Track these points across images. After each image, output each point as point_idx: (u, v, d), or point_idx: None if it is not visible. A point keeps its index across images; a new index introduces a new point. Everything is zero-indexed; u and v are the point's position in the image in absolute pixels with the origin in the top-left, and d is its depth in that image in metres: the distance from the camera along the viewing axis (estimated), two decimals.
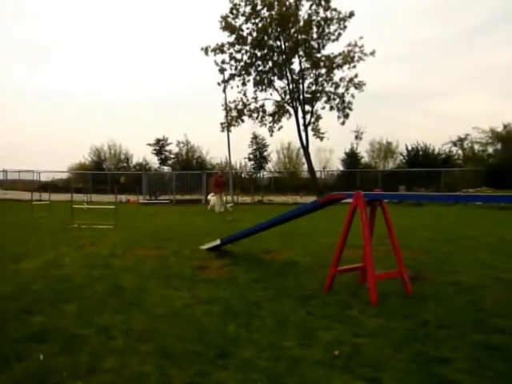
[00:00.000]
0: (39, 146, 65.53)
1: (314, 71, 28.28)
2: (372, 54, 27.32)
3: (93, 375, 3.17)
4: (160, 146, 49.81)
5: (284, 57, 27.94)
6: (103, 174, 39.33)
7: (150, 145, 49.70)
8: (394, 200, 19.24)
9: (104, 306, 4.87)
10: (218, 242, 8.17)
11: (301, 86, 28.46)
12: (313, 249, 8.93)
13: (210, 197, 21.62)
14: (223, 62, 28.29)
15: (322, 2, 26.86)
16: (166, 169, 47.32)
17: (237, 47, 27.87)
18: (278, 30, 27.11)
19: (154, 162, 49.29)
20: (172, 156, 50.30)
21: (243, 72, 28.48)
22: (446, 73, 64.40)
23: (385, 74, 61.26)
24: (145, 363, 3.36)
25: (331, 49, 39.92)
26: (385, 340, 3.91)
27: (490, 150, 34.25)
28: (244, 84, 28.79)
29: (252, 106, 29.28)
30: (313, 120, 28.75)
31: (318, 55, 27.90)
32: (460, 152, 41.23)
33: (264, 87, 28.91)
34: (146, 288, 5.72)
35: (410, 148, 42.36)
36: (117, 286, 5.75)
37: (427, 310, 4.81)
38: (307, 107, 28.65)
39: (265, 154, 49.72)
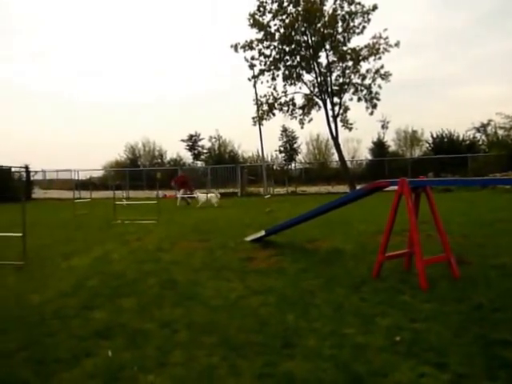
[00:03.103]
0: (73, 145, 67.23)
1: (340, 64, 28.83)
2: (397, 45, 28.12)
3: (163, 369, 3.20)
4: (193, 142, 50.74)
5: (311, 51, 28.48)
6: (139, 171, 39.98)
7: (183, 141, 50.58)
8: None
9: (161, 300, 4.93)
10: (262, 233, 8.17)
11: (329, 79, 29.03)
12: (354, 236, 8.90)
13: (199, 194, 21.29)
14: (253, 58, 29.22)
15: None
16: (199, 163, 47.90)
17: (265, 43, 28.72)
18: (305, 25, 27.74)
19: (187, 157, 50.18)
20: (205, 151, 51.06)
21: (272, 67, 29.25)
22: (465, 60, 63.67)
23: (406, 62, 60.76)
24: (212, 355, 3.38)
25: (357, 41, 40.02)
26: (442, 324, 3.87)
27: None
28: (273, 79, 29.66)
29: (282, 100, 30.32)
30: (341, 111, 29.34)
31: (344, 48, 28.51)
32: (484, 138, 40.90)
33: (293, 81, 29.73)
34: (199, 281, 5.77)
35: (435, 135, 42.44)
36: (170, 280, 5.81)
37: (478, 293, 4.74)
38: (335, 99, 29.34)
39: (295, 146, 50.17)
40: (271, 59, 28.80)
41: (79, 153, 63.61)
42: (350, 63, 28.30)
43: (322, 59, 28.85)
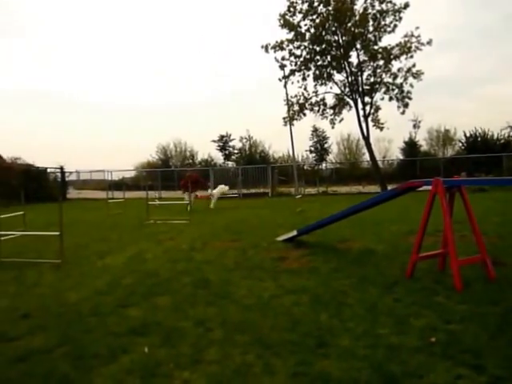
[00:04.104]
0: (106, 147, 68.63)
1: (371, 63, 28.52)
2: (429, 43, 27.56)
3: (198, 366, 3.25)
4: (224, 142, 51.00)
5: (342, 51, 28.28)
6: (170, 171, 40.39)
7: (214, 141, 50.95)
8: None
9: (195, 298, 4.99)
10: (294, 232, 8.20)
11: (359, 79, 28.78)
12: (386, 236, 8.86)
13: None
14: (283, 58, 29.12)
15: None
16: (230, 164, 48.14)
17: (296, 43, 28.60)
18: (335, 24, 27.54)
19: (218, 157, 50.52)
20: (235, 151, 51.30)
21: (303, 67, 29.15)
22: (498, 57, 62.31)
23: (437, 60, 59.78)
24: (246, 354, 3.41)
25: (388, 40, 39.52)
26: (477, 326, 3.82)
27: None
28: (304, 79, 29.54)
29: (313, 100, 30.17)
30: (372, 111, 29.02)
31: (375, 47, 28.14)
32: None
33: (324, 81, 29.53)
34: (232, 280, 5.82)
35: (468, 134, 41.56)
36: (203, 279, 5.88)
37: None
38: (366, 99, 29.02)
39: (325, 145, 50.03)
40: (302, 59, 28.71)
41: (109, 154, 64.88)
42: (381, 62, 27.96)
43: (353, 59, 28.69)
